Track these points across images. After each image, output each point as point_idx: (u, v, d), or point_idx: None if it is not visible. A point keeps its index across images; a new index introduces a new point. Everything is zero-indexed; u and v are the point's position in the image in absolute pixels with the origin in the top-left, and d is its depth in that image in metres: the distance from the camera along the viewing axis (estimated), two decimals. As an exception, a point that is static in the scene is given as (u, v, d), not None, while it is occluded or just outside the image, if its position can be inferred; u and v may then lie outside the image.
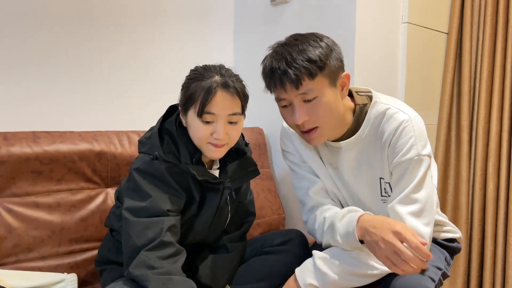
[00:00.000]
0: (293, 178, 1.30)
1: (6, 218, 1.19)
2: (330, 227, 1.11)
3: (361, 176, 1.17)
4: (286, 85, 1.03)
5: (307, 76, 1.02)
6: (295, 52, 1.03)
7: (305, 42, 1.05)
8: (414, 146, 1.06)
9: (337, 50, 1.08)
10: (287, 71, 1.02)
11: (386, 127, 1.10)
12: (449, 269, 1.21)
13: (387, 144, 1.10)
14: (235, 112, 1.05)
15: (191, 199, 1.10)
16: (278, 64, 1.03)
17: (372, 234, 0.99)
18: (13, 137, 1.24)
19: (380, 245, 0.96)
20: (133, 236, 0.99)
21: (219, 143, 1.05)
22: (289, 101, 1.07)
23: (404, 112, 1.09)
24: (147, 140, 1.10)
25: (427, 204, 1.06)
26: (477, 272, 2.00)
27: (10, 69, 1.41)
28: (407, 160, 1.06)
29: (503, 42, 1.90)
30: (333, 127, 1.12)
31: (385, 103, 1.13)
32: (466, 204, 2.00)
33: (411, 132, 1.07)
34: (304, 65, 1.01)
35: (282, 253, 1.25)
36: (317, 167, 1.23)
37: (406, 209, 1.05)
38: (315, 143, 1.13)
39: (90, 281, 1.30)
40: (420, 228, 1.04)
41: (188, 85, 1.06)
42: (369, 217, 1.04)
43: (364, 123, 1.13)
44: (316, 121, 1.07)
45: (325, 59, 1.03)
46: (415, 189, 1.06)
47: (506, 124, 1.89)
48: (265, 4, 1.89)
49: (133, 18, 1.69)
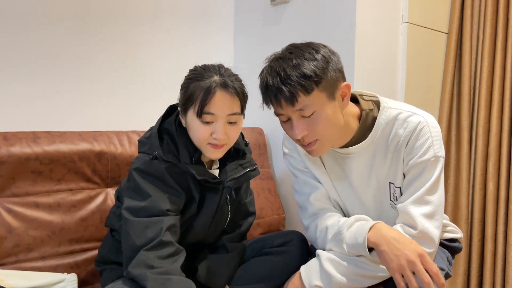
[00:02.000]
0: (294, 182, 1.29)
1: (6, 218, 1.20)
2: (336, 235, 1.10)
3: (371, 181, 1.16)
4: (282, 102, 1.01)
5: (302, 92, 0.99)
6: (289, 68, 1.00)
7: (300, 56, 1.01)
8: (431, 147, 1.06)
9: (335, 60, 1.05)
10: (282, 88, 0.99)
11: (401, 131, 1.09)
12: (450, 269, 1.21)
13: (403, 146, 1.09)
14: (234, 112, 1.05)
15: (191, 199, 1.10)
16: (273, 81, 1.01)
17: (394, 247, 0.99)
18: (13, 137, 1.25)
19: (400, 261, 0.97)
20: (133, 235, 0.99)
21: (219, 143, 1.05)
22: (287, 116, 1.05)
23: (418, 115, 1.09)
24: (146, 140, 1.10)
25: (440, 207, 1.07)
26: (477, 272, 2.00)
27: (10, 69, 1.41)
28: (424, 161, 1.06)
29: (503, 42, 1.90)
30: (334, 138, 1.10)
31: (394, 108, 1.12)
32: (466, 204, 2.00)
33: (428, 133, 1.07)
34: (299, 81, 0.98)
35: (282, 254, 1.25)
36: (319, 173, 1.22)
37: (419, 210, 1.05)
38: (316, 154, 1.11)
39: (90, 281, 1.30)
40: (431, 230, 1.05)
41: (187, 85, 1.05)
42: (388, 228, 1.04)
43: (374, 129, 1.12)
44: (315, 135, 1.05)
45: (321, 72, 1.00)
46: (429, 191, 1.06)
47: (506, 124, 1.89)
48: (265, 4, 1.89)
49: (134, 18, 1.69)
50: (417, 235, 1.04)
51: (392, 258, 0.98)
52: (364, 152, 1.14)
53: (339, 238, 1.09)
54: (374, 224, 1.05)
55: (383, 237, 1.01)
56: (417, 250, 0.97)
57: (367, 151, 1.14)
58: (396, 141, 1.10)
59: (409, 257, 0.96)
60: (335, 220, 1.14)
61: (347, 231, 1.08)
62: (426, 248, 1.04)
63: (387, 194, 1.16)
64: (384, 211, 1.18)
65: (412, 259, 0.96)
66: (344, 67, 1.10)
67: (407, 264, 0.96)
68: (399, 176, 1.12)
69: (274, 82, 1.00)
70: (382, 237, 1.01)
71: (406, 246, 0.98)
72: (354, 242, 1.05)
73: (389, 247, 0.99)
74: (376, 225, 1.04)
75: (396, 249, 0.98)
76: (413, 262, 0.95)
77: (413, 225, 1.05)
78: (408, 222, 1.06)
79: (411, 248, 0.97)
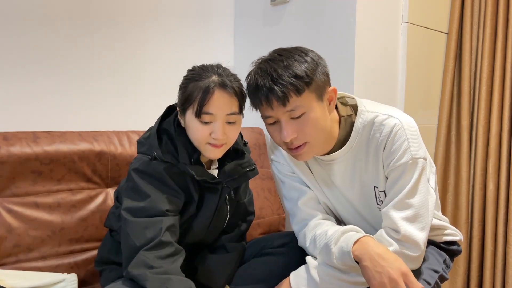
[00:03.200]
0: (282, 188, 1.28)
1: (6, 218, 1.20)
2: (324, 249, 1.09)
3: (355, 186, 1.16)
4: (273, 102, 1.00)
5: (294, 92, 0.99)
6: (281, 68, 1.00)
7: (290, 57, 1.02)
8: (408, 150, 1.05)
9: (322, 64, 1.06)
10: (273, 88, 0.99)
11: (378, 135, 1.08)
12: (448, 272, 1.20)
13: (381, 150, 1.08)
14: (233, 111, 1.05)
15: (190, 199, 1.10)
16: (264, 81, 1.00)
17: (377, 264, 0.96)
18: (13, 137, 1.25)
19: (382, 278, 0.94)
20: (132, 236, 0.99)
21: (218, 143, 1.05)
22: (276, 118, 1.05)
23: (394, 117, 1.07)
24: (145, 141, 1.10)
25: (422, 209, 1.05)
26: (477, 272, 2.00)
27: (10, 69, 1.41)
28: (402, 165, 1.05)
29: (503, 42, 1.90)
30: (322, 142, 1.10)
31: (371, 111, 1.11)
32: (466, 204, 2.00)
33: (403, 136, 1.05)
34: (290, 81, 0.99)
35: (282, 255, 1.25)
36: (306, 178, 1.21)
37: (400, 214, 1.04)
38: (302, 159, 1.10)
39: (90, 281, 1.31)
40: (415, 233, 1.03)
41: (185, 85, 1.05)
42: (374, 243, 1.01)
43: (353, 134, 1.11)
44: (304, 137, 1.05)
45: (311, 74, 1.01)
46: (409, 194, 1.05)
47: (506, 124, 1.89)
48: (265, 4, 1.89)
49: (134, 18, 1.69)
50: (401, 238, 1.03)
51: (374, 275, 0.95)
52: (345, 157, 1.14)
53: (328, 253, 1.07)
54: (360, 238, 1.03)
55: (367, 252, 0.99)
56: (401, 268, 0.94)
57: (348, 157, 1.13)
58: (374, 145, 1.09)
59: (392, 275, 0.93)
60: (323, 230, 1.12)
61: (335, 247, 1.06)
62: (411, 253, 1.03)
63: (373, 198, 1.15)
64: (374, 213, 1.18)
65: (394, 277, 0.93)
66: (344, 67, 1.10)
67: (389, 282, 0.93)
68: (382, 180, 1.11)
69: (265, 83, 1.00)
70: (366, 253, 0.99)
71: (389, 263, 0.95)
72: (342, 256, 1.04)
73: (372, 263, 0.97)
74: (362, 239, 1.02)
75: (380, 266, 0.96)
76: (395, 280, 0.93)
77: (396, 229, 1.04)
78: (391, 226, 1.05)
79: (395, 266, 0.95)
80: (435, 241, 1.24)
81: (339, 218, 1.27)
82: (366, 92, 1.63)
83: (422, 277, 1.09)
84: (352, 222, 1.23)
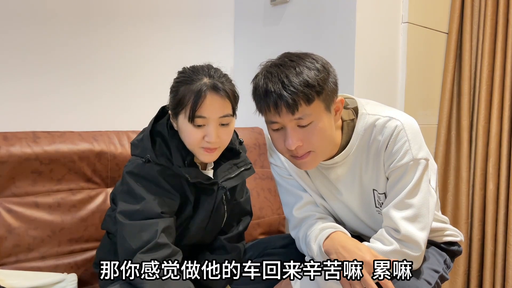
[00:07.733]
0: (279, 193, 1.28)
1: (6, 218, 1.20)
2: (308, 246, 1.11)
3: (355, 189, 1.15)
4: (282, 109, 0.98)
5: (304, 101, 0.97)
6: (292, 75, 0.97)
7: (301, 63, 0.99)
8: (409, 150, 1.05)
9: (333, 73, 1.04)
10: (283, 95, 0.96)
11: (379, 137, 1.08)
12: (448, 272, 1.20)
13: (382, 151, 1.08)
14: (226, 114, 1.03)
15: (186, 201, 1.09)
16: (274, 87, 0.97)
17: (341, 256, 0.98)
18: (13, 137, 1.25)
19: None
20: (128, 239, 0.99)
21: (212, 146, 1.04)
22: (282, 124, 1.02)
23: (395, 119, 1.07)
24: (139, 143, 1.09)
25: (422, 209, 1.05)
26: (477, 272, 2.00)
27: (10, 69, 1.41)
28: (403, 165, 1.05)
29: (503, 42, 1.90)
30: (326, 152, 1.09)
31: (372, 114, 1.10)
32: (466, 204, 2.00)
33: (404, 137, 1.05)
34: (302, 90, 0.96)
35: (283, 255, 1.24)
36: (304, 182, 1.21)
37: (400, 214, 1.05)
38: (306, 167, 1.08)
39: (90, 281, 1.30)
40: (415, 233, 1.04)
41: (176, 88, 1.04)
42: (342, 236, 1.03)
43: (353, 138, 1.11)
44: (309, 146, 1.03)
45: (323, 83, 0.99)
46: (410, 194, 1.05)
47: (506, 124, 1.89)
48: (265, 4, 1.89)
49: (134, 18, 1.69)
50: (401, 238, 1.03)
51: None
52: (345, 161, 1.13)
53: (310, 250, 1.09)
54: (331, 233, 1.04)
55: (333, 246, 1.00)
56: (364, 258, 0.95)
57: (348, 160, 1.13)
58: (375, 147, 1.09)
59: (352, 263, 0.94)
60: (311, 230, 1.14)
61: (314, 244, 1.07)
62: (412, 252, 1.04)
63: (372, 201, 1.15)
64: (373, 216, 1.18)
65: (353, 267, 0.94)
66: (344, 67, 1.09)
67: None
68: (382, 183, 1.11)
69: (276, 88, 0.97)
70: (332, 246, 1.01)
71: (352, 254, 0.96)
72: (319, 252, 1.05)
73: (337, 255, 0.98)
74: (333, 234, 1.04)
75: (343, 258, 0.96)
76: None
77: (396, 229, 1.05)
78: (391, 225, 1.06)
79: (357, 256, 0.96)
80: (435, 242, 1.24)
81: (338, 220, 1.27)
82: (366, 92, 1.63)
83: (423, 277, 1.09)
84: (351, 224, 1.24)
